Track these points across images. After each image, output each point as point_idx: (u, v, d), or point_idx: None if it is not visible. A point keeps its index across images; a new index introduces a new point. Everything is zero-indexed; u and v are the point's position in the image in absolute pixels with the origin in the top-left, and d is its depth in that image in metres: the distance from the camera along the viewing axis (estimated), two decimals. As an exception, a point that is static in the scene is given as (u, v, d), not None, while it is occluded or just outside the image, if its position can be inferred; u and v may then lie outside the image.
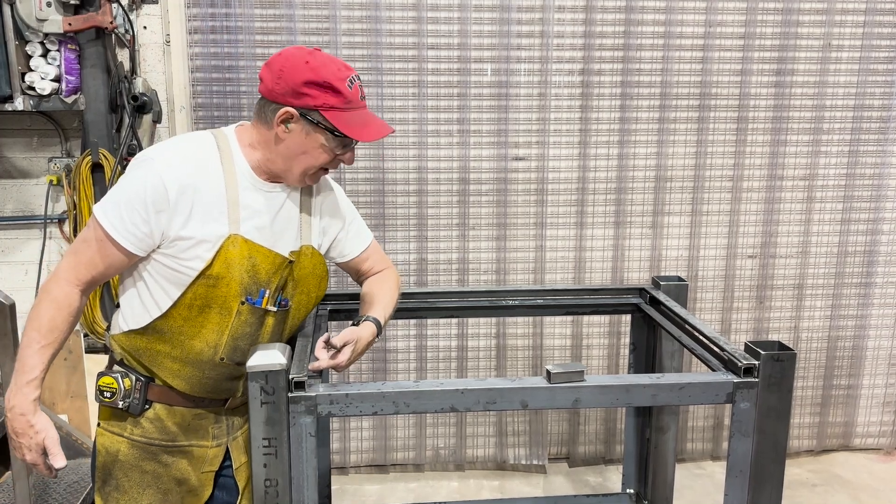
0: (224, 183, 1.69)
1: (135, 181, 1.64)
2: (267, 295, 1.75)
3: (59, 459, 1.69)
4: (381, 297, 1.93)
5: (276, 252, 1.77)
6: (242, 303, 1.72)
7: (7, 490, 2.70)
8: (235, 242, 1.69)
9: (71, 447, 3.13)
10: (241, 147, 1.74)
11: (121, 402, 1.75)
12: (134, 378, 1.76)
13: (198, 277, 1.67)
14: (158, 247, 1.67)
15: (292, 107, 1.67)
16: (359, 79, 1.74)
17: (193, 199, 1.65)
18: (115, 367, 1.79)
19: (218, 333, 1.73)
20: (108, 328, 1.87)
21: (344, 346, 1.72)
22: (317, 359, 1.73)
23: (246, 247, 1.70)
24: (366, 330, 1.79)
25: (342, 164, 1.81)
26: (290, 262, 1.79)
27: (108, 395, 1.76)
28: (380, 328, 1.84)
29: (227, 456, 1.89)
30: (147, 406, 1.78)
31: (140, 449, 1.79)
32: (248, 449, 1.90)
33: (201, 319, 1.71)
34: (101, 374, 1.78)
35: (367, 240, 2.02)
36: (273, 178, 1.76)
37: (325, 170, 1.78)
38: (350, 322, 1.87)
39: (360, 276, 2.06)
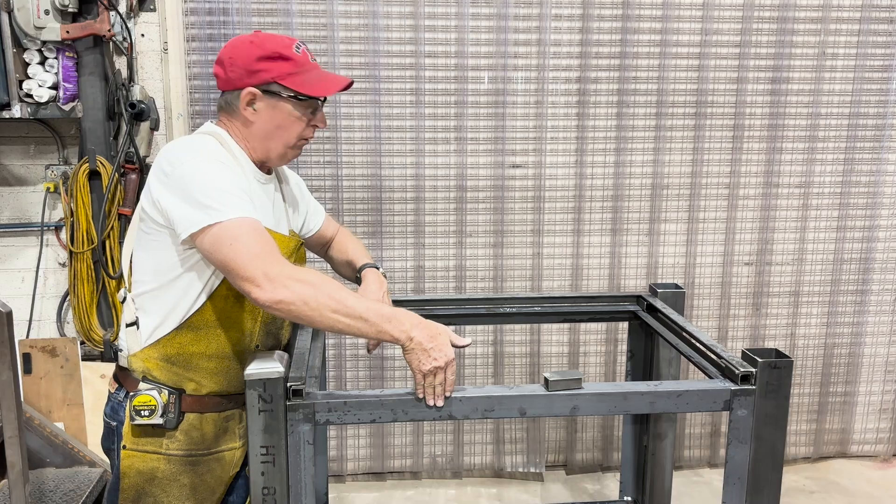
0: (240, 171, 1.74)
1: (209, 170, 1.62)
2: None
3: (463, 339, 1.73)
4: (356, 247, 2.17)
5: (289, 236, 1.86)
6: None
7: (2, 497, 2.69)
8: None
9: (68, 455, 3.12)
10: (236, 143, 1.78)
11: (160, 419, 1.73)
12: (167, 391, 1.74)
13: None
14: None
15: (251, 86, 1.72)
16: (304, 44, 1.80)
17: (239, 178, 1.70)
18: (143, 384, 1.75)
19: (252, 321, 1.77)
20: (116, 352, 1.82)
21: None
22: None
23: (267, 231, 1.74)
24: (376, 284, 2.02)
25: (343, 166, 1.85)
26: (301, 243, 1.90)
27: (147, 413, 1.72)
28: (375, 266, 2.09)
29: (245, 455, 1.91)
30: (181, 417, 1.77)
31: (178, 462, 1.78)
32: None
33: (237, 309, 1.74)
34: (132, 396, 1.74)
35: (322, 211, 2.17)
36: (262, 167, 1.82)
37: (305, 140, 1.83)
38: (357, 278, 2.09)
39: (324, 247, 2.19)
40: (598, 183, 3.46)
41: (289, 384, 1.64)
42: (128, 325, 1.78)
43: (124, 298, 1.81)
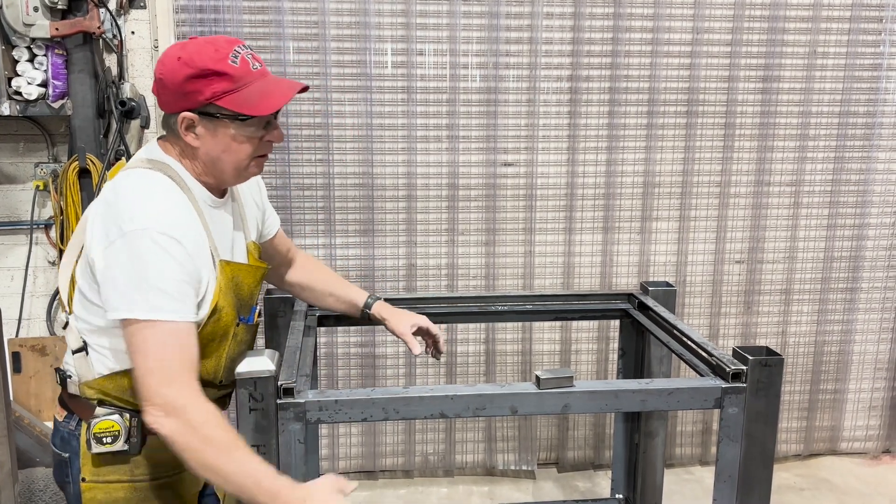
0: (196, 213, 1.59)
1: (150, 256, 1.45)
2: (258, 310, 1.73)
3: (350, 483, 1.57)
4: (337, 279, 2.15)
5: (257, 265, 1.75)
6: (237, 324, 1.67)
7: (-8, 498, 2.68)
8: (221, 268, 1.62)
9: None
10: (185, 168, 1.61)
11: (124, 445, 1.60)
12: (129, 414, 1.61)
13: (208, 317, 1.58)
14: None
15: (186, 111, 1.53)
16: (246, 48, 1.58)
17: (196, 241, 1.55)
18: (100, 409, 1.61)
19: (217, 359, 1.67)
20: (64, 378, 1.65)
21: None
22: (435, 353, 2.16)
23: (229, 268, 1.64)
24: (395, 308, 2.11)
25: (334, 164, 1.79)
26: (266, 269, 1.79)
27: (109, 439, 1.59)
28: (379, 298, 2.11)
29: None
30: (144, 441, 1.64)
31: (146, 489, 1.67)
32: None
33: (205, 353, 1.61)
34: (91, 422, 1.59)
35: (277, 218, 2.00)
36: (215, 187, 1.66)
37: (262, 156, 1.65)
38: (361, 317, 2.12)
39: (279, 259, 2.02)
40: (590, 181, 3.46)
41: (280, 383, 1.64)
42: (75, 352, 1.62)
43: (66, 325, 1.65)
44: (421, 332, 2.13)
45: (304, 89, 1.62)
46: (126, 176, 1.58)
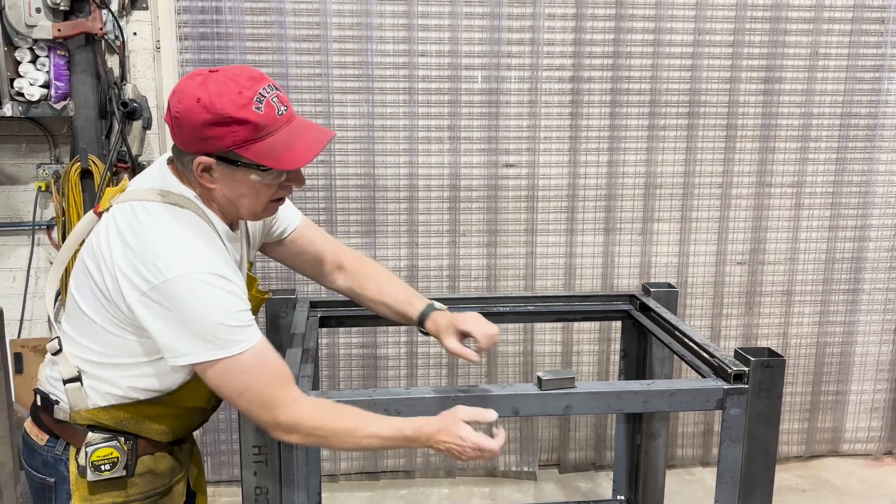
0: (223, 246, 1.55)
1: (203, 297, 1.40)
2: None
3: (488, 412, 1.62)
4: (395, 285, 1.93)
5: (260, 294, 1.74)
6: None
7: (-6, 499, 2.68)
8: None
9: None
10: (204, 203, 1.53)
11: (122, 471, 1.57)
12: (124, 439, 1.57)
13: None
14: None
15: (204, 154, 1.43)
16: (274, 88, 1.45)
17: (234, 272, 1.50)
18: (93, 435, 1.55)
19: (205, 390, 1.60)
20: (51, 403, 1.58)
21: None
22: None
23: None
24: (448, 315, 1.84)
25: (336, 165, 1.75)
26: (268, 296, 1.78)
27: (108, 466, 1.55)
28: (436, 307, 1.88)
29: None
30: (137, 463, 1.61)
31: None
32: (195, 460, 1.85)
33: (195, 385, 1.58)
34: (88, 451, 1.54)
35: (298, 213, 1.86)
36: (231, 220, 1.59)
37: (279, 200, 1.56)
38: (419, 328, 1.88)
39: (309, 258, 1.88)
40: (592, 182, 3.46)
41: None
42: (67, 382, 1.54)
43: (58, 350, 1.57)
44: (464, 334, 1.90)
45: (329, 137, 1.52)
46: (147, 212, 1.47)
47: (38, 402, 1.62)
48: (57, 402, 1.58)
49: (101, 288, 1.47)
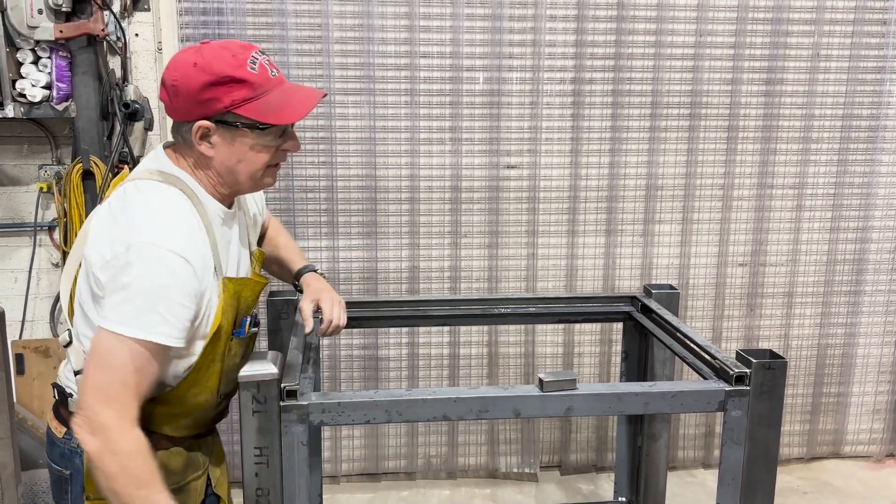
0: (205, 232, 1.54)
1: (151, 273, 1.40)
2: (248, 322, 1.68)
3: None
4: (287, 244, 2.00)
5: (258, 279, 1.72)
6: (230, 339, 1.62)
7: (-5, 500, 2.68)
8: (224, 286, 1.57)
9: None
10: (198, 182, 1.57)
11: None
12: None
13: (209, 339, 1.55)
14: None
15: (202, 118, 1.48)
16: (262, 53, 1.53)
17: (204, 261, 1.50)
18: None
19: (217, 378, 1.63)
20: (66, 395, 1.60)
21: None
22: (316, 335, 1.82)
23: (232, 285, 1.59)
24: (321, 282, 1.87)
25: (337, 166, 1.75)
26: (266, 283, 1.75)
27: None
28: (314, 269, 1.92)
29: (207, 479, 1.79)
30: None
31: None
32: (219, 460, 1.84)
33: (207, 374, 1.60)
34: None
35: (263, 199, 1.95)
36: (227, 197, 1.62)
37: (276, 166, 1.61)
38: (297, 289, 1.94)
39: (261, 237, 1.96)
40: (593, 184, 3.46)
41: (283, 385, 1.64)
42: (78, 373, 1.56)
43: (69, 342, 1.59)
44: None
45: (323, 96, 1.59)
46: (136, 189, 1.52)
47: (55, 395, 1.65)
48: (71, 395, 1.60)
49: (86, 267, 1.50)
